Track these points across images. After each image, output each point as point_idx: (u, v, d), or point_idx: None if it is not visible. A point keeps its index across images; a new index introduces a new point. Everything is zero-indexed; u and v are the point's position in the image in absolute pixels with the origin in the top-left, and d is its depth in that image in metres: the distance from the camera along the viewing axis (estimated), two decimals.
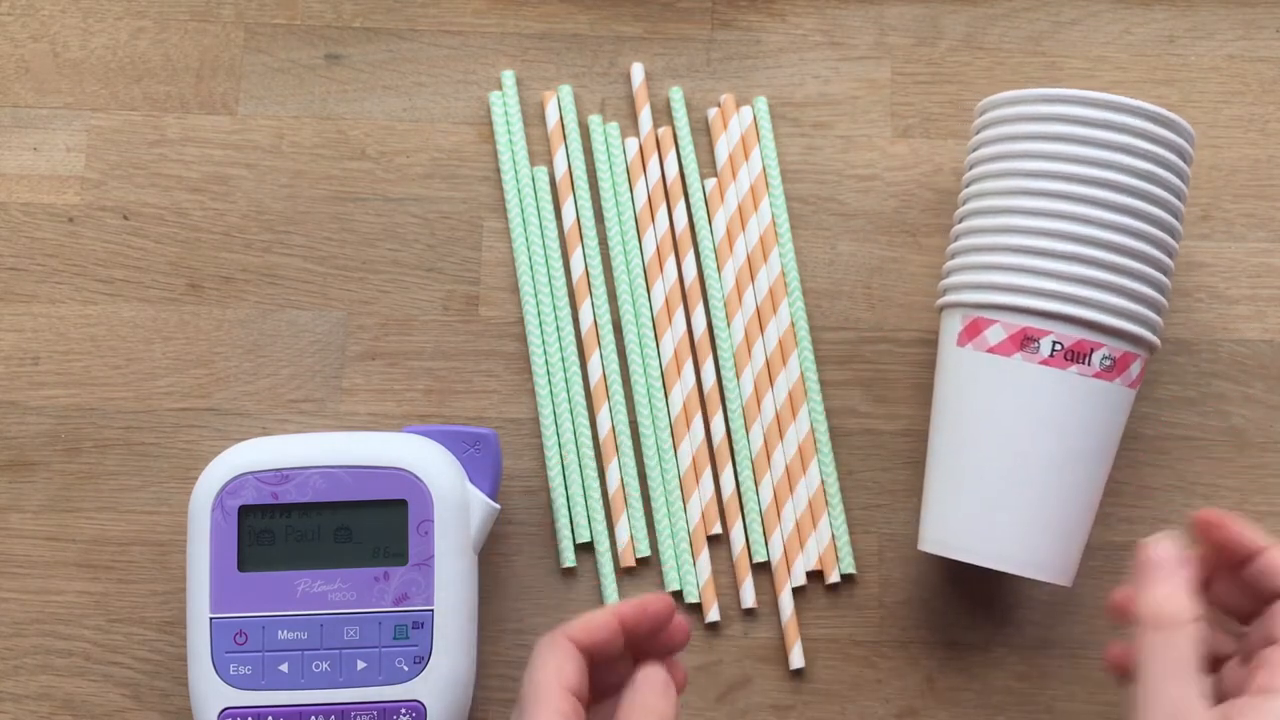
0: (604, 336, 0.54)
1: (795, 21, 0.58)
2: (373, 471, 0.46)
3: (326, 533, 0.46)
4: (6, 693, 0.51)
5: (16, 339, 0.54)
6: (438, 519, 0.46)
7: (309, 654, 0.45)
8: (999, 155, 0.49)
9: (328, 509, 0.46)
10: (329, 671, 0.45)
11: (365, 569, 0.45)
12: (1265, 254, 0.56)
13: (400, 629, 0.45)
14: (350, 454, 0.46)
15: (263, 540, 0.45)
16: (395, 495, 0.46)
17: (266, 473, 0.46)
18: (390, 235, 0.55)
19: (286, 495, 0.45)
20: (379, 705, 0.45)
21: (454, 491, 0.46)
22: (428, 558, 0.45)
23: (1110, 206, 0.47)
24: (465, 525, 0.46)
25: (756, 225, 0.55)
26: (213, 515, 0.45)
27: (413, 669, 0.45)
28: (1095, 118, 0.47)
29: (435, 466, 0.46)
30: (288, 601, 0.45)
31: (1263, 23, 0.58)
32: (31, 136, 0.56)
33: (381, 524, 0.46)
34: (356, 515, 0.46)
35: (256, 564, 0.45)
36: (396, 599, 0.45)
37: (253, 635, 0.45)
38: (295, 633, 0.45)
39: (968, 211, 0.50)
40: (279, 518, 0.46)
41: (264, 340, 0.54)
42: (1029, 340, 0.47)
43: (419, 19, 0.57)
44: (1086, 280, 0.46)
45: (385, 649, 0.45)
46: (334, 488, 0.46)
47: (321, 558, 0.45)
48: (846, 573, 0.52)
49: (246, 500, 0.45)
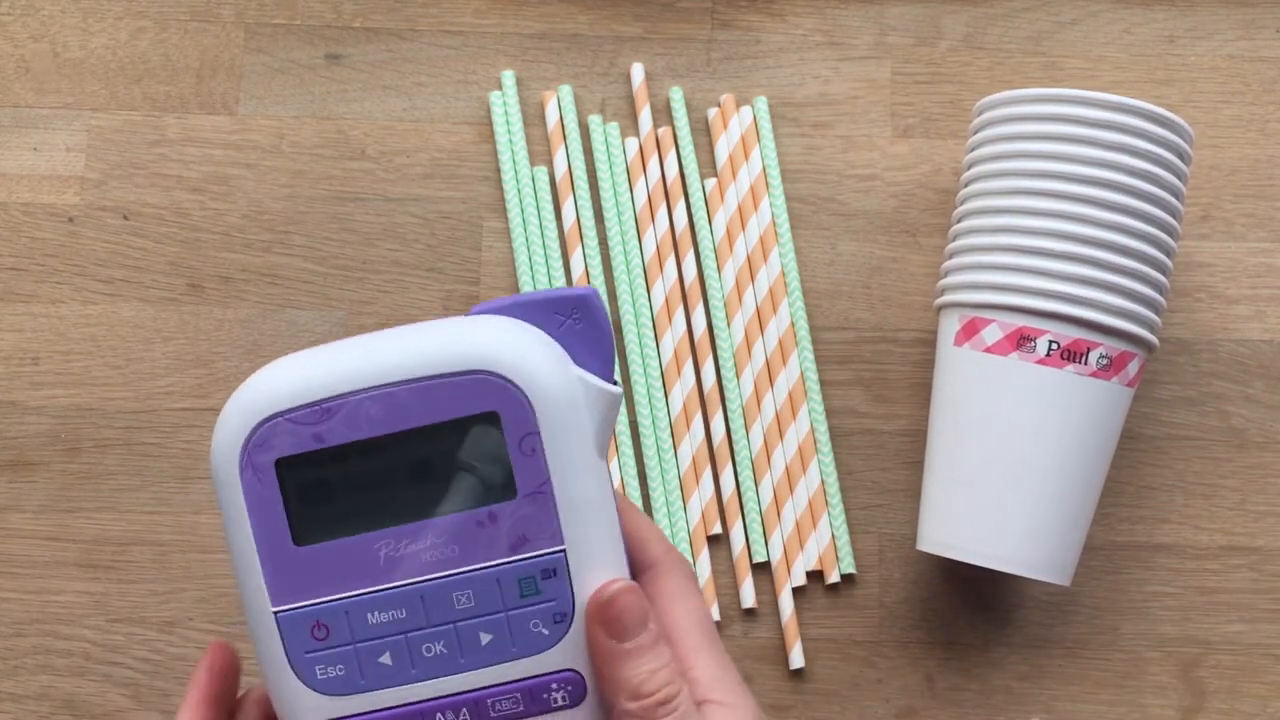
0: None
1: (795, 21, 0.58)
2: (443, 381, 0.33)
3: (399, 475, 0.33)
4: (6, 693, 0.51)
5: (16, 339, 0.54)
6: (545, 428, 0.33)
7: (414, 636, 0.33)
8: (996, 155, 0.49)
9: (393, 443, 0.33)
10: (446, 654, 0.33)
11: (462, 513, 0.33)
12: (1265, 254, 0.56)
13: (527, 583, 0.33)
14: (407, 362, 0.33)
15: (317, 499, 0.33)
16: (481, 408, 0.33)
17: (300, 409, 0.33)
18: (390, 235, 0.55)
19: (334, 435, 0.33)
20: (521, 685, 0.33)
21: (560, 384, 0.34)
22: (543, 482, 0.33)
23: (1106, 206, 0.47)
24: (583, 427, 0.34)
25: (756, 225, 0.55)
26: (244, 479, 0.33)
27: (555, 630, 0.33)
28: (1092, 117, 0.47)
29: (528, 355, 0.33)
30: (370, 573, 0.33)
31: (1263, 23, 0.58)
32: (31, 136, 0.56)
33: (472, 449, 0.33)
34: (434, 444, 0.33)
35: (317, 533, 0.33)
36: (513, 544, 0.33)
37: (335, 626, 0.33)
38: (389, 612, 0.33)
39: (965, 212, 0.50)
40: (331, 466, 0.33)
41: (264, 340, 0.54)
42: (1025, 340, 0.47)
43: (419, 19, 0.57)
44: (1083, 280, 0.47)
45: (513, 612, 0.33)
46: (395, 413, 0.33)
47: (400, 509, 0.33)
48: (846, 573, 0.52)
49: (283, 451, 0.33)
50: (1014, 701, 0.52)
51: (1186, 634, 0.53)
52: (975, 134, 0.51)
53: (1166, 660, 0.52)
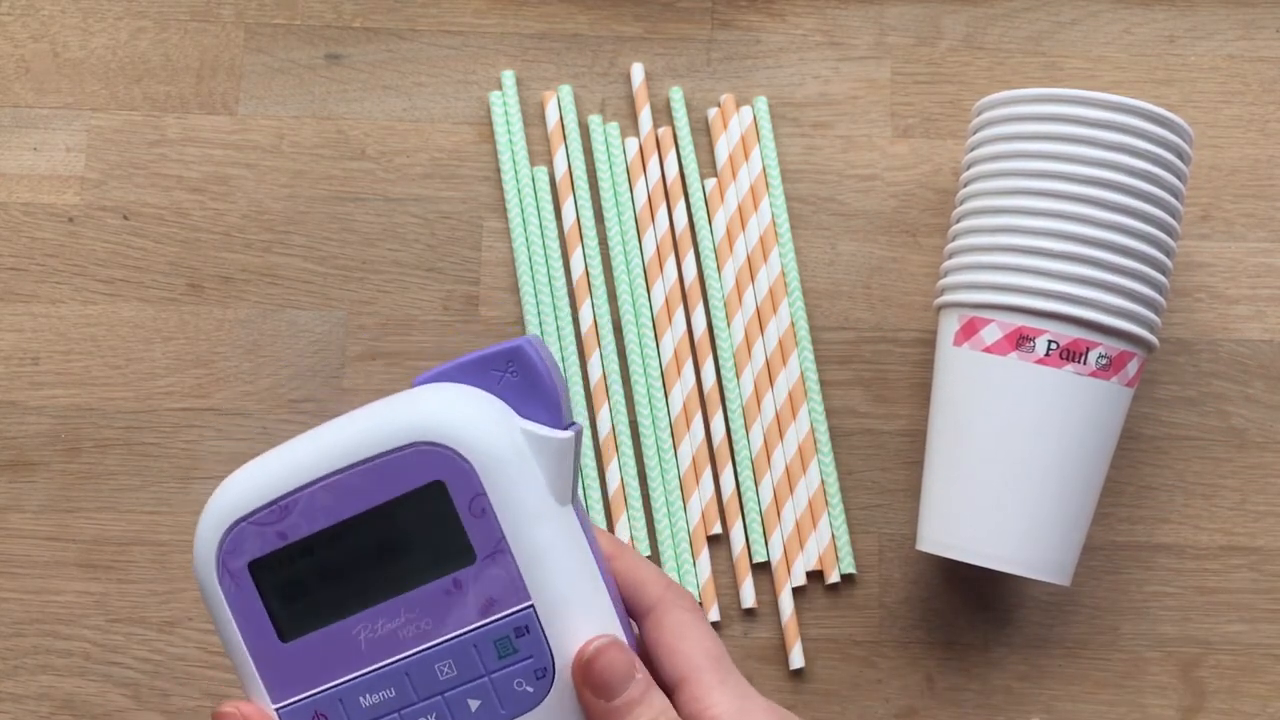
0: (604, 336, 0.54)
1: (795, 21, 0.58)
2: (385, 459, 0.33)
3: (365, 556, 0.34)
4: (6, 693, 0.51)
5: (16, 339, 0.54)
6: (490, 487, 0.33)
7: (407, 712, 0.34)
8: (995, 155, 0.49)
9: (352, 527, 0.34)
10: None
11: (431, 585, 0.34)
12: (1265, 254, 0.56)
13: (502, 643, 0.34)
14: (350, 446, 0.34)
15: (293, 594, 0.34)
16: (426, 478, 0.33)
17: (260, 510, 0.34)
18: (390, 235, 0.55)
19: (296, 530, 0.34)
20: None
21: (499, 441, 0.33)
22: (498, 541, 0.33)
23: (1106, 206, 0.47)
24: (533, 478, 0.34)
25: (756, 225, 0.55)
26: (224, 586, 0.34)
27: (539, 686, 0.33)
28: (1092, 117, 0.47)
29: (463, 418, 0.34)
30: (355, 658, 0.34)
31: (1263, 23, 0.58)
32: (31, 136, 0.56)
33: (426, 521, 0.34)
34: (390, 521, 0.34)
35: (299, 627, 0.34)
36: (482, 608, 0.34)
37: (333, 713, 0.34)
38: (380, 693, 0.34)
39: (964, 212, 0.50)
40: (300, 561, 0.34)
41: (264, 340, 0.54)
42: (1024, 339, 0.47)
43: (419, 19, 0.57)
44: (1082, 279, 0.47)
45: (495, 675, 0.34)
46: (347, 499, 0.34)
47: (372, 590, 0.34)
48: (846, 573, 0.52)
49: (253, 554, 0.34)
50: (1014, 701, 0.52)
51: (1186, 634, 0.53)
52: (975, 134, 0.51)
53: (1166, 660, 0.52)
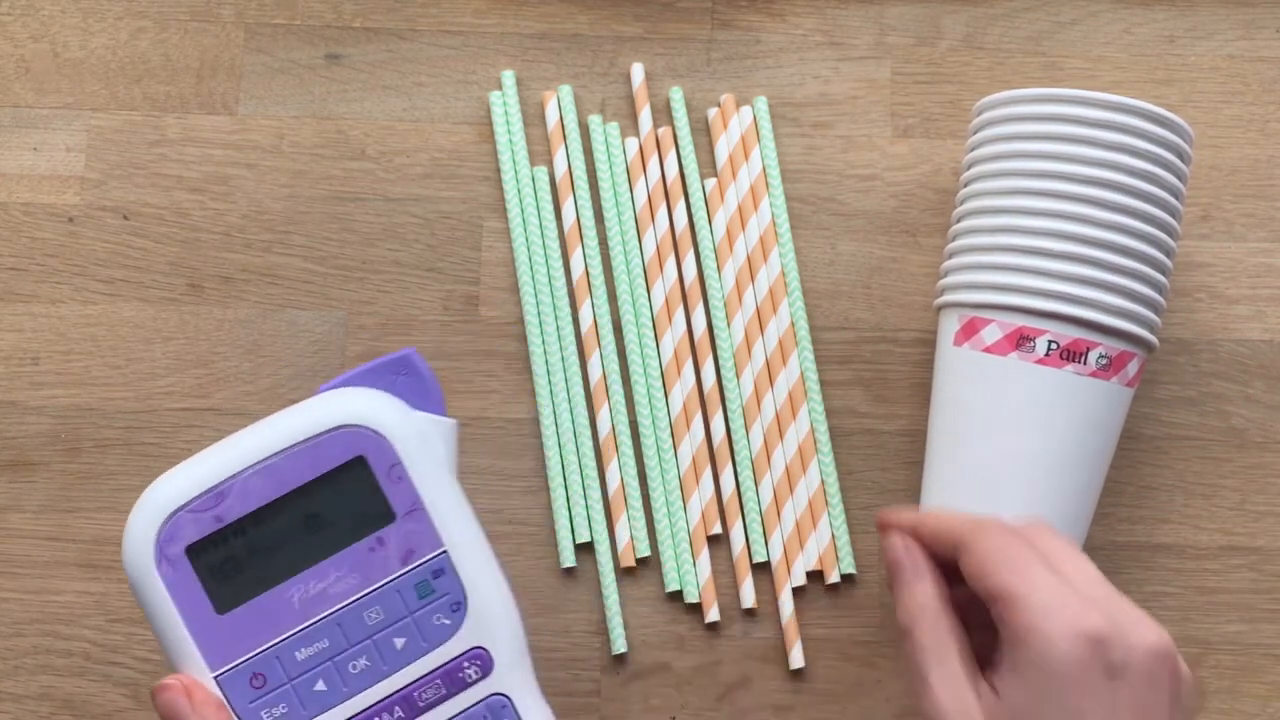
0: (604, 336, 0.54)
1: (795, 21, 0.58)
2: (310, 444, 0.39)
3: (294, 529, 0.39)
4: (6, 693, 0.51)
5: (16, 339, 0.54)
6: (405, 457, 0.40)
7: (340, 659, 0.39)
8: (995, 155, 0.49)
9: (283, 505, 0.39)
10: (371, 665, 0.39)
11: (355, 545, 0.39)
12: (1265, 254, 0.56)
13: (422, 585, 0.39)
14: (277, 436, 0.39)
15: (229, 571, 0.39)
16: (349, 455, 0.39)
17: (196, 499, 0.39)
18: (390, 235, 0.55)
19: (230, 512, 0.39)
20: (439, 670, 0.39)
21: (406, 423, 0.40)
22: (414, 501, 0.40)
23: (1106, 205, 0.47)
24: (434, 453, 0.40)
25: (756, 225, 0.55)
26: (160, 571, 0.38)
27: (454, 618, 0.39)
28: (1091, 117, 0.47)
29: (373, 407, 0.40)
30: (290, 617, 0.39)
31: (1263, 23, 0.58)
32: (31, 136, 0.56)
33: (349, 492, 0.39)
34: (317, 496, 0.39)
35: (235, 598, 0.39)
36: (403, 558, 0.39)
37: (270, 672, 0.38)
38: (314, 645, 0.39)
39: (964, 212, 0.50)
40: (235, 539, 0.39)
41: (264, 340, 0.54)
42: (1025, 339, 0.47)
43: (419, 19, 0.57)
44: (1082, 279, 0.47)
45: (417, 613, 0.39)
46: (278, 480, 0.39)
47: (302, 557, 0.39)
48: (846, 573, 0.52)
49: (189, 539, 0.38)
50: None
51: (1186, 634, 0.53)
52: (974, 134, 0.51)
53: None
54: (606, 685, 0.51)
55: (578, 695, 0.51)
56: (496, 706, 0.40)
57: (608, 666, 0.52)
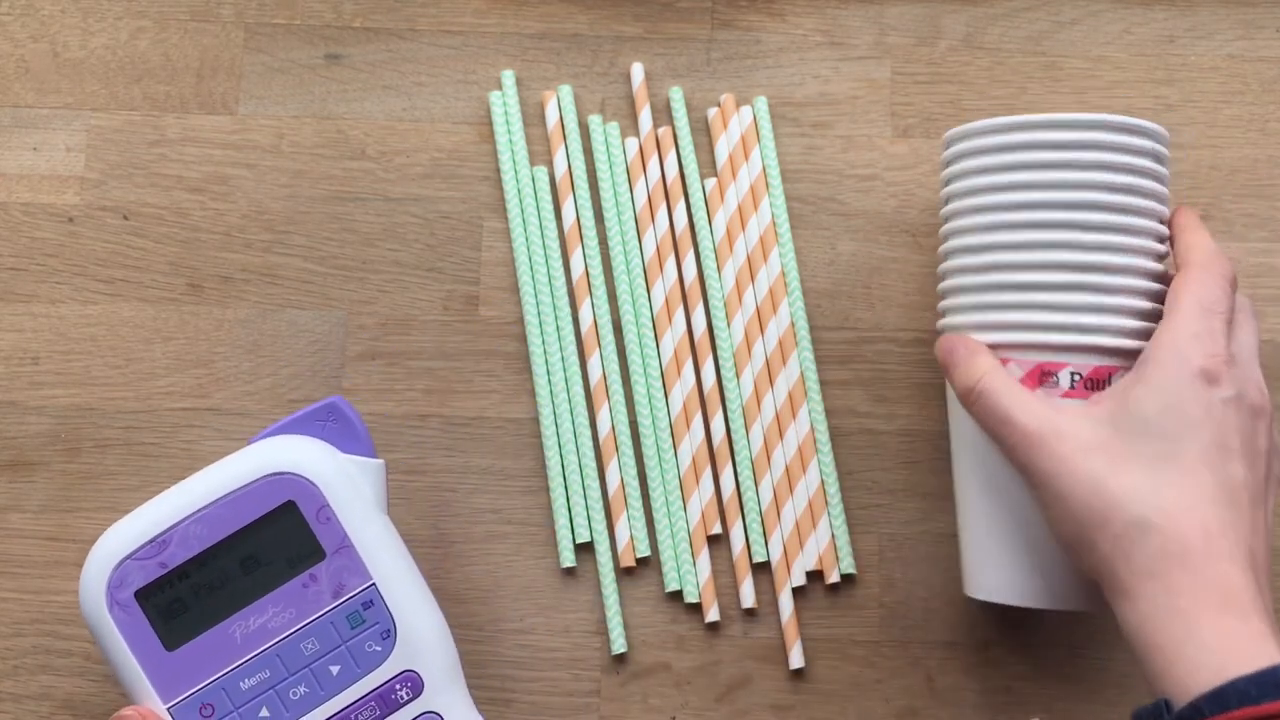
0: (604, 336, 0.54)
1: (795, 21, 0.58)
2: (243, 492, 0.43)
3: (233, 571, 0.43)
4: (6, 693, 0.51)
5: (16, 339, 0.54)
6: (331, 500, 0.44)
7: (281, 687, 0.43)
8: (973, 190, 0.47)
9: (221, 549, 0.43)
10: (309, 692, 0.43)
11: (290, 582, 0.43)
12: (1265, 254, 0.56)
13: (354, 616, 0.44)
14: (213, 486, 0.44)
15: (176, 610, 0.43)
16: (279, 500, 0.44)
17: (141, 548, 0.43)
18: (390, 235, 0.55)
19: (174, 559, 0.43)
20: (373, 694, 0.43)
21: (333, 468, 0.44)
22: (343, 539, 0.44)
23: (1094, 228, 0.45)
24: (361, 493, 0.44)
25: (756, 225, 0.55)
26: (113, 615, 0.43)
27: (385, 645, 0.44)
28: (1058, 140, 0.46)
29: (300, 454, 0.44)
30: (233, 651, 0.43)
31: (1263, 23, 0.58)
32: (31, 136, 0.56)
33: (281, 534, 0.44)
34: (252, 539, 0.43)
35: (183, 635, 0.43)
36: (335, 592, 0.44)
37: (217, 702, 0.43)
38: (257, 675, 0.43)
39: (955, 249, 0.48)
40: (180, 582, 0.43)
41: (264, 340, 0.54)
42: (1046, 375, 0.45)
43: (419, 19, 0.57)
44: (1092, 307, 0.45)
45: (350, 642, 0.43)
46: (215, 527, 0.43)
47: (242, 595, 0.43)
48: (846, 573, 0.52)
49: (137, 584, 0.43)
50: (1014, 701, 0.52)
51: None
52: (946, 167, 0.49)
53: None
54: (606, 685, 0.51)
55: (578, 695, 0.51)
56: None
57: (608, 666, 0.52)
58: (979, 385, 0.44)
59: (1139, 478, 0.41)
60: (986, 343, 0.46)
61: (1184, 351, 0.42)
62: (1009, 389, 0.44)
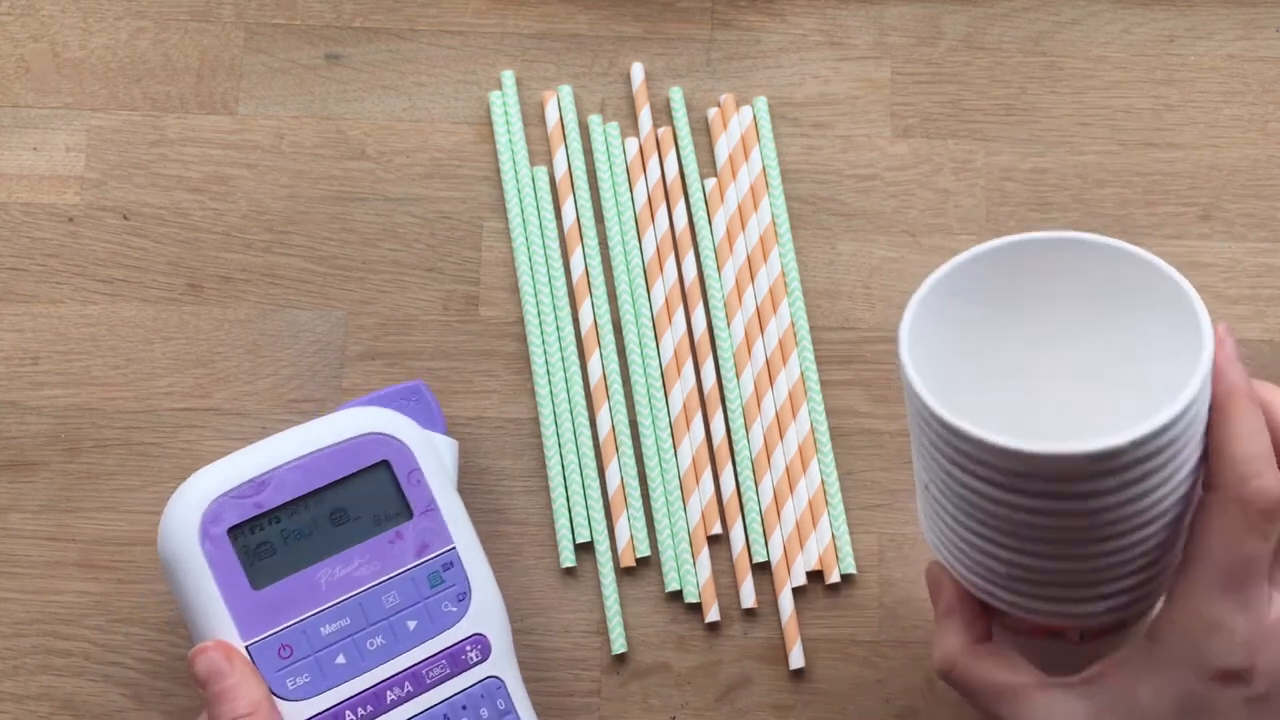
0: (604, 336, 0.54)
1: (795, 21, 0.58)
2: (341, 447, 0.45)
3: (323, 520, 0.44)
4: (6, 693, 0.51)
5: (16, 339, 0.54)
6: (423, 464, 0.46)
7: (359, 636, 0.44)
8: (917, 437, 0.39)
9: (315, 498, 0.44)
10: (385, 643, 0.44)
11: (377, 537, 0.45)
12: (1265, 254, 0.56)
13: (434, 576, 0.45)
14: (314, 438, 0.45)
15: (264, 552, 0.44)
16: (374, 459, 0.45)
17: (240, 487, 0.44)
18: (390, 235, 0.55)
19: (269, 501, 0.44)
20: (445, 652, 0.44)
21: (421, 438, 0.46)
22: (430, 502, 0.45)
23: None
24: (443, 465, 0.47)
25: (756, 225, 0.55)
26: (204, 548, 0.43)
27: (460, 607, 0.45)
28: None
29: (395, 421, 0.46)
30: (316, 597, 0.44)
31: (1262, 23, 0.58)
32: (31, 136, 0.56)
33: (373, 490, 0.45)
34: (345, 492, 0.45)
35: (269, 576, 0.44)
36: (418, 551, 0.45)
37: (296, 644, 0.43)
38: (337, 623, 0.44)
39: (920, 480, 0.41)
40: (271, 525, 0.44)
41: (264, 340, 0.54)
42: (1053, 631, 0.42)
43: (419, 19, 0.57)
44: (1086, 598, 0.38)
45: (428, 600, 0.45)
46: (312, 476, 0.44)
47: (329, 544, 0.44)
48: (846, 573, 0.52)
49: (231, 521, 0.44)
50: None
51: None
52: None
53: None
54: (606, 685, 0.52)
55: (578, 695, 0.51)
56: (492, 687, 0.45)
57: (608, 666, 0.52)
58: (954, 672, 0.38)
59: None
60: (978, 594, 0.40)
61: (1200, 646, 0.34)
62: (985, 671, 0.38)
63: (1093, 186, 0.56)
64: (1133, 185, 0.56)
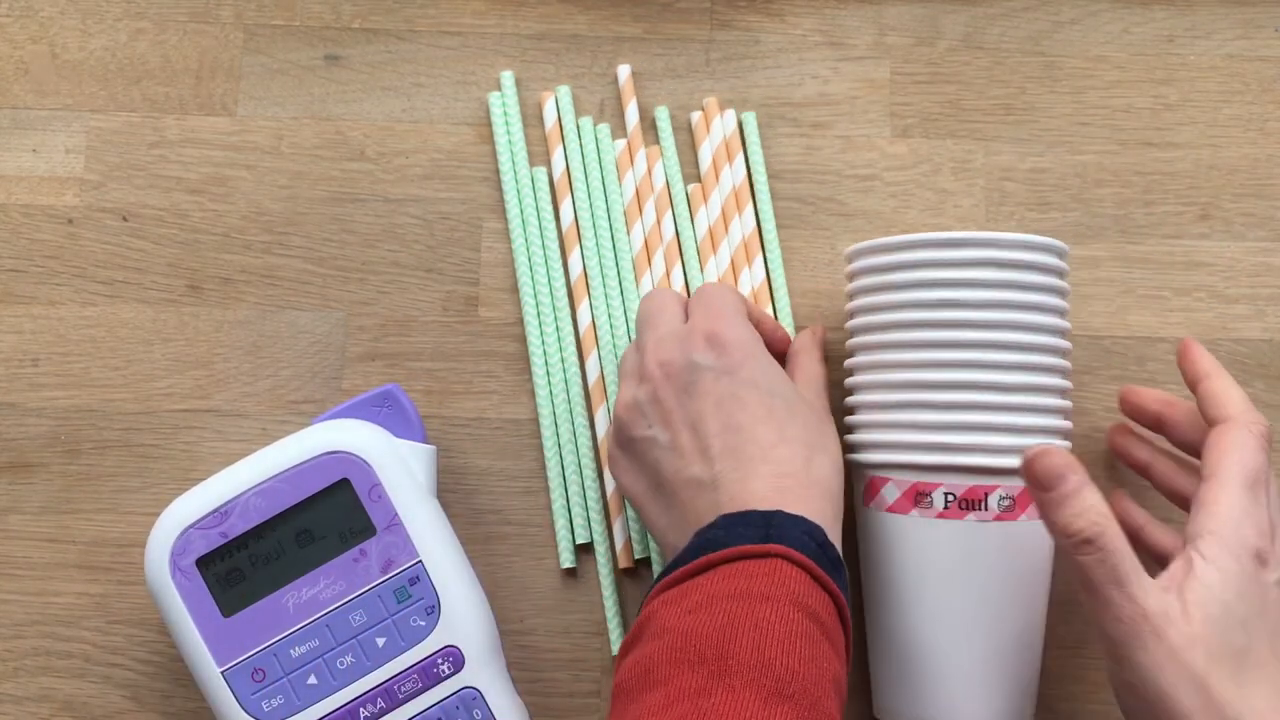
0: (603, 336, 0.54)
1: (794, 22, 0.58)
2: (301, 469, 0.46)
3: (289, 542, 0.46)
4: (7, 694, 0.51)
5: (16, 340, 0.54)
6: (384, 479, 0.46)
7: (329, 656, 0.45)
8: (865, 308, 0.48)
9: (278, 521, 0.46)
10: (355, 662, 0.45)
11: (341, 556, 0.46)
12: (1265, 254, 0.56)
13: (400, 591, 0.46)
14: (273, 463, 0.46)
15: (234, 579, 0.45)
16: (335, 477, 0.46)
17: (205, 518, 0.45)
18: (390, 236, 0.55)
19: (234, 529, 0.45)
20: (416, 666, 0.45)
21: (385, 450, 0.47)
22: (392, 517, 0.46)
23: (962, 345, 0.45)
24: (411, 475, 0.47)
25: (740, 228, 0.55)
26: (175, 580, 0.45)
27: (429, 620, 0.45)
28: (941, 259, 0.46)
29: (357, 436, 0.47)
30: (285, 620, 0.45)
31: (1262, 22, 0.58)
32: (31, 138, 0.56)
33: (335, 509, 0.46)
34: (309, 513, 0.46)
35: (238, 603, 0.45)
36: (383, 567, 0.46)
37: (269, 667, 0.45)
38: (306, 644, 0.45)
39: (850, 367, 0.49)
40: (239, 552, 0.45)
41: (264, 341, 0.54)
42: (921, 495, 0.45)
43: (418, 19, 0.57)
44: (963, 425, 0.45)
45: (395, 615, 0.45)
46: (274, 500, 0.46)
47: (295, 567, 0.46)
48: None
49: (199, 552, 0.45)
50: None
51: None
52: (850, 282, 0.49)
53: None
54: (606, 685, 0.51)
55: (578, 695, 0.51)
56: (468, 698, 0.45)
57: (608, 667, 0.52)
58: (1100, 539, 0.40)
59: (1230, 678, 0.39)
60: (869, 462, 0.47)
61: (1242, 531, 0.41)
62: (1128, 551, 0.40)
63: (1092, 186, 0.56)
64: (1132, 185, 0.56)
